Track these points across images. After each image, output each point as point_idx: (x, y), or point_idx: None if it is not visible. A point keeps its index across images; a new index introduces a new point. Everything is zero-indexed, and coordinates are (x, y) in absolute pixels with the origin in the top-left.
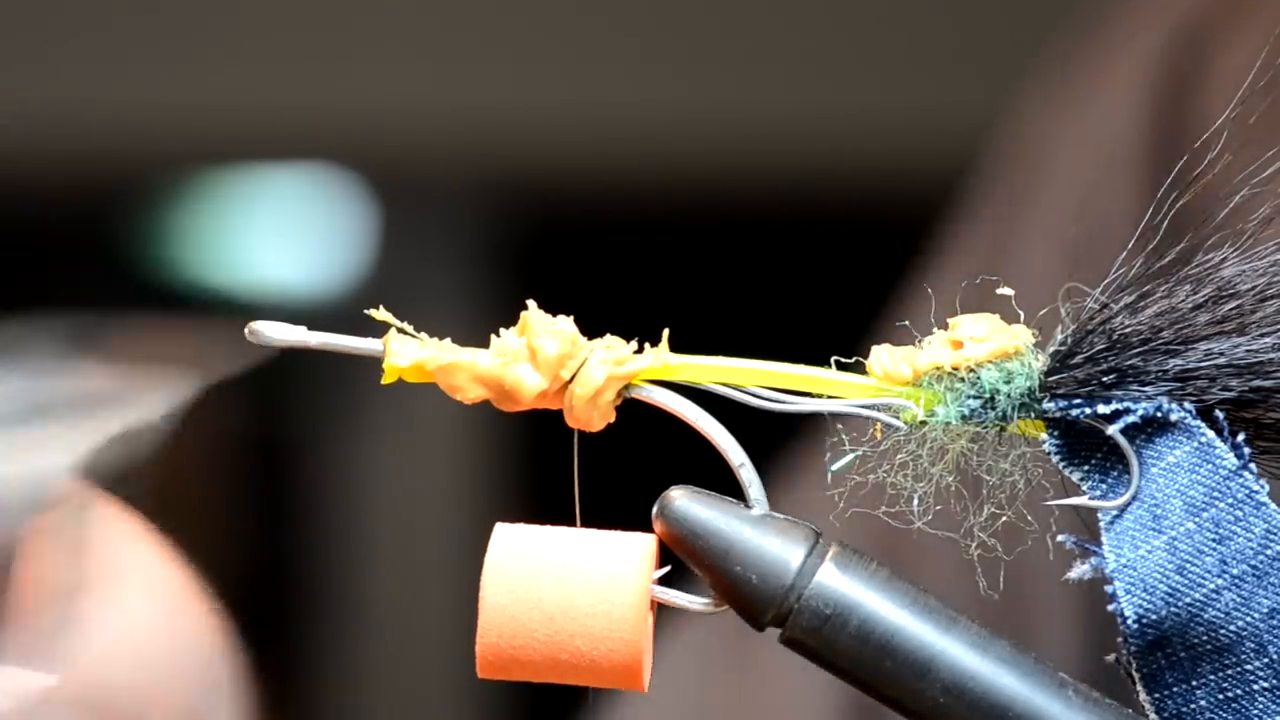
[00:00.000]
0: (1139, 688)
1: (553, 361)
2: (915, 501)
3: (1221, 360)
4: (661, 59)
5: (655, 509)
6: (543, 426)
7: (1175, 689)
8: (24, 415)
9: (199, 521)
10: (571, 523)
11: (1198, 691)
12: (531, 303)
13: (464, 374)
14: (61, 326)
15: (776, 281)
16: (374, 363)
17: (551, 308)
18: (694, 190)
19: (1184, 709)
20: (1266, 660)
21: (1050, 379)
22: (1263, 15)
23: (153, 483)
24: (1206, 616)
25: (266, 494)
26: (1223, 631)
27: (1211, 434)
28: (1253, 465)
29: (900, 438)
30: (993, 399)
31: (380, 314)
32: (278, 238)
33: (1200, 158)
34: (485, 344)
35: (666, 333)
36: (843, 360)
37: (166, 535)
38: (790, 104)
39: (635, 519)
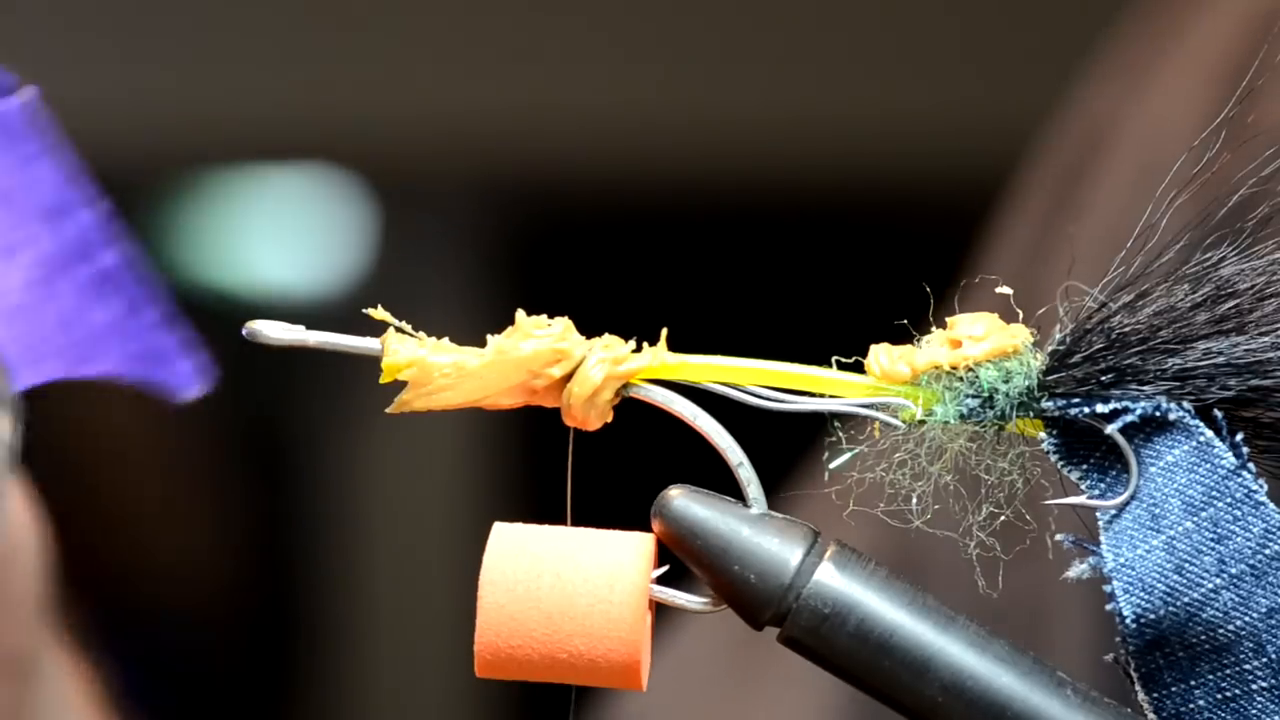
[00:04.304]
0: (1137, 687)
1: (546, 355)
2: (914, 500)
3: (1220, 359)
4: (660, 59)
5: (653, 508)
6: (542, 426)
7: (1173, 689)
8: None
9: (197, 520)
10: (570, 522)
11: (1196, 691)
12: (520, 312)
13: (463, 371)
14: None
15: (775, 281)
16: (373, 362)
17: (550, 307)
18: (693, 190)
19: (1182, 709)
20: (1265, 660)
21: (1049, 378)
22: None
23: (152, 484)
24: (1205, 616)
25: (264, 493)
26: (1221, 631)
27: (1210, 433)
28: (1251, 465)
29: (898, 437)
30: (991, 398)
31: (379, 313)
32: (278, 238)
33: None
34: (484, 345)
35: (665, 332)
36: (843, 360)
37: (166, 536)
38: (790, 105)
39: (633, 518)
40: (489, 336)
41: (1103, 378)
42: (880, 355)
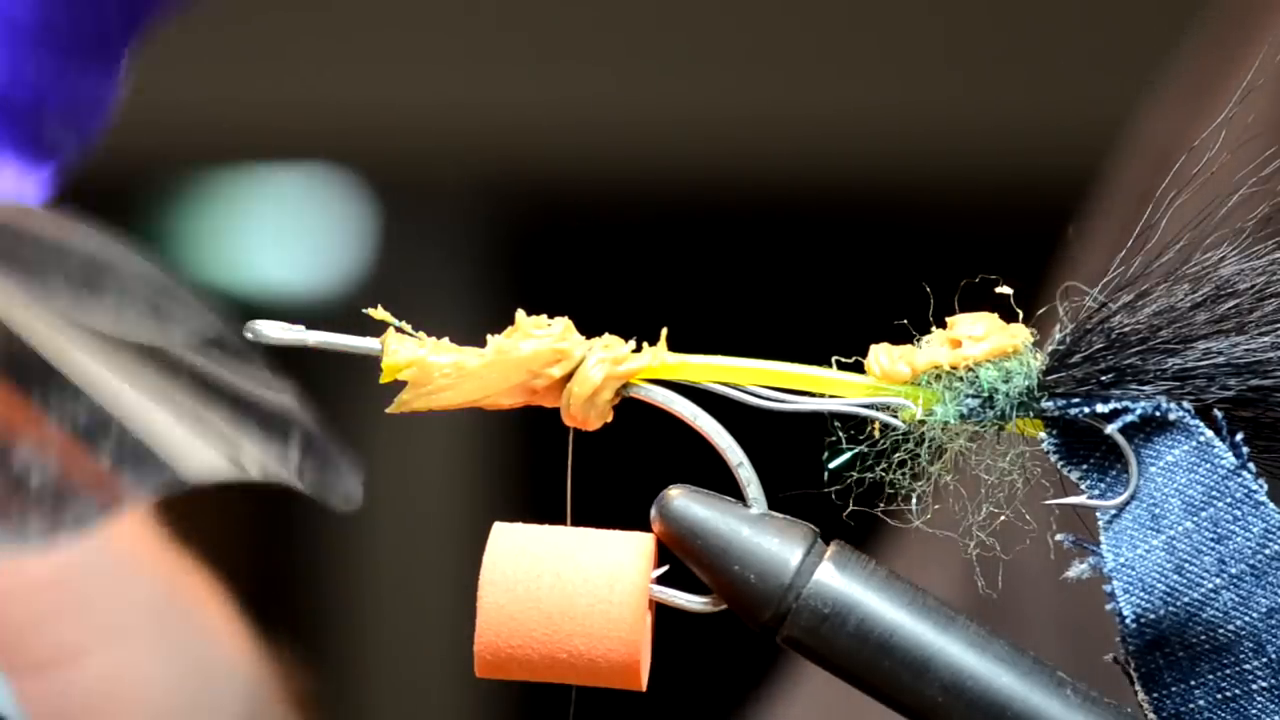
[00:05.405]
0: (1137, 687)
1: (546, 355)
2: (914, 500)
3: (1220, 359)
4: (660, 58)
5: (653, 508)
6: (541, 426)
7: (1173, 688)
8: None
9: (194, 520)
10: (570, 522)
11: (1196, 691)
12: (520, 312)
13: (463, 371)
14: None
15: (775, 281)
16: (373, 362)
17: (550, 307)
18: (693, 190)
19: (1182, 709)
20: (1265, 660)
21: (1049, 378)
22: None
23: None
24: (1205, 616)
25: (262, 493)
26: (1221, 631)
27: (1210, 433)
28: (1251, 464)
29: (898, 437)
30: (991, 398)
31: (379, 313)
32: (278, 238)
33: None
34: (484, 345)
35: (665, 332)
36: (843, 360)
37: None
38: (789, 104)
39: (633, 518)
40: (489, 336)
41: (1103, 378)
42: (880, 355)
